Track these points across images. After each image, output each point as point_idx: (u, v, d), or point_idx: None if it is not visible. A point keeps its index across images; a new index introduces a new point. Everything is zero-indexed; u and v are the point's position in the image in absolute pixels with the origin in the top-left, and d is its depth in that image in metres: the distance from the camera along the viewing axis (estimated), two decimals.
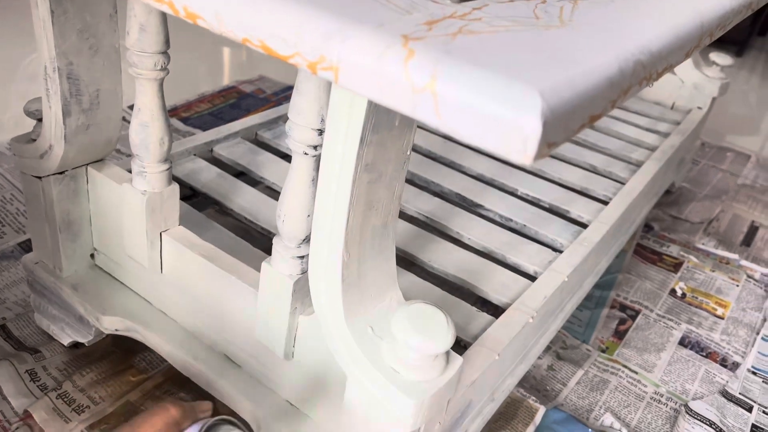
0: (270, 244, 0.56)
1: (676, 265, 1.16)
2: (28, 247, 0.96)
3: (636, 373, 0.91)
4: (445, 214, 0.87)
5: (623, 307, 1.03)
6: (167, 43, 0.58)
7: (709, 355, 0.96)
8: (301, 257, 0.54)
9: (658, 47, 0.37)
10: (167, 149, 0.63)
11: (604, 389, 0.87)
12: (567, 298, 0.83)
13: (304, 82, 0.47)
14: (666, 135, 1.21)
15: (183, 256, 0.65)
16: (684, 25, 0.42)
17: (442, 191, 0.95)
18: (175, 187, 0.65)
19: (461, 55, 0.29)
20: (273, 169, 0.92)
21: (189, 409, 0.51)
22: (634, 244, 1.20)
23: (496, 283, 0.76)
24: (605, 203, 0.95)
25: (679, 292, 1.09)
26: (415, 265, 0.79)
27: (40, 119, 0.67)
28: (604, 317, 1.01)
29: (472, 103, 0.27)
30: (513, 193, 0.97)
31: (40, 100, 0.66)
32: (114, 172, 0.68)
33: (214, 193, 0.84)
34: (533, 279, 0.76)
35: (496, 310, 0.71)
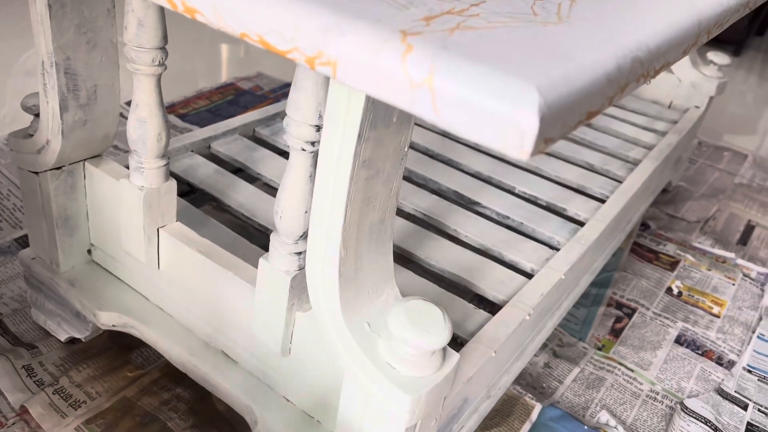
0: (267, 240, 0.56)
1: (673, 264, 1.16)
2: (25, 242, 0.96)
3: (632, 370, 0.91)
4: (443, 211, 0.88)
5: (620, 305, 1.04)
6: (165, 38, 0.58)
7: (705, 353, 0.97)
8: (299, 253, 0.54)
9: (656, 44, 0.37)
10: (165, 145, 0.63)
11: (600, 387, 0.87)
12: (564, 295, 0.83)
13: (302, 78, 0.47)
14: (663, 134, 1.22)
15: (180, 252, 0.65)
16: (682, 23, 0.42)
17: (440, 188, 0.95)
18: (172, 183, 0.65)
19: (459, 50, 0.29)
20: (270, 165, 0.92)
21: None
22: (630, 242, 1.20)
23: (493, 281, 0.76)
24: (602, 201, 0.95)
25: (675, 291, 1.09)
26: (412, 262, 0.79)
27: (38, 114, 0.66)
28: (601, 315, 1.01)
29: (469, 99, 0.27)
30: (510, 190, 0.97)
31: (37, 95, 0.66)
32: (111, 168, 0.68)
33: (212, 190, 0.84)
34: (530, 276, 0.76)
35: (493, 308, 0.72)
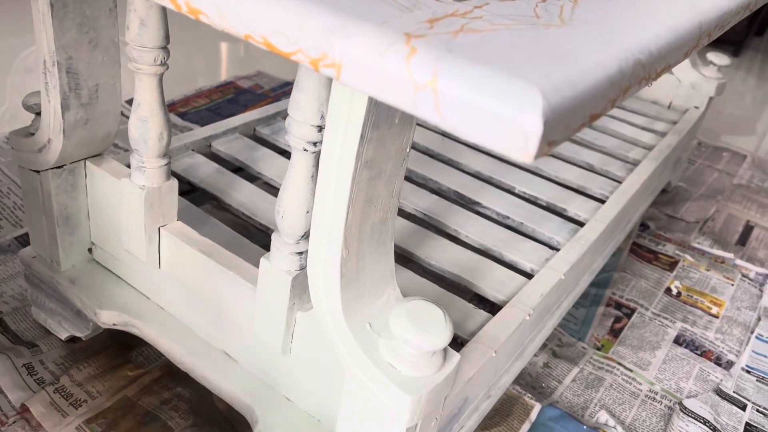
0: (268, 239, 0.56)
1: (672, 264, 1.17)
2: (26, 240, 0.96)
3: (631, 371, 0.91)
4: (443, 211, 0.88)
5: (619, 305, 1.04)
6: (167, 38, 0.58)
7: (704, 353, 0.97)
8: (300, 253, 0.54)
9: (658, 47, 0.37)
10: (166, 144, 0.63)
11: (599, 387, 0.88)
12: (563, 295, 0.84)
13: (304, 78, 0.47)
14: (663, 134, 1.22)
15: (181, 252, 0.65)
16: (683, 25, 0.42)
17: (440, 188, 0.95)
18: (173, 183, 0.65)
19: (463, 53, 0.29)
20: (271, 164, 0.92)
21: None
22: (630, 242, 1.20)
23: (493, 281, 0.76)
24: (602, 202, 0.96)
25: (674, 291, 1.09)
26: (412, 261, 0.79)
27: (39, 113, 0.66)
28: (600, 315, 1.01)
29: (473, 101, 0.27)
30: (510, 190, 0.97)
31: (38, 93, 0.66)
32: (112, 167, 0.68)
33: (212, 189, 0.84)
34: (530, 277, 0.76)
35: (493, 308, 0.72)
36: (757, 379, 0.93)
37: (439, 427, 0.58)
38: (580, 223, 0.89)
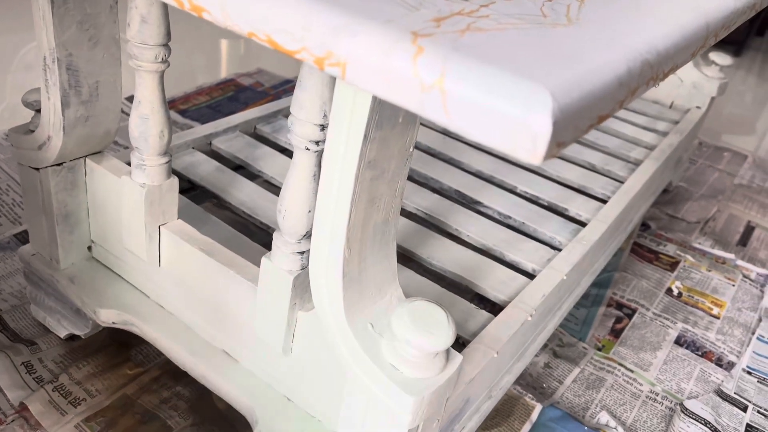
0: (268, 238, 0.55)
1: (673, 264, 1.16)
2: (25, 238, 0.95)
3: (632, 371, 0.91)
4: (444, 210, 0.87)
5: (620, 306, 1.04)
6: (168, 35, 0.58)
7: (705, 354, 0.97)
8: (301, 253, 0.54)
9: (665, 47, 0.37)
10: (167, 142, 0.62)
11: (600, 387, 0.87)
12: (565, 296, 0.83)
13: (307, 76, 0.47)
14: (664, 134, 1.21)
15: (181, 250, 0.65)
16: (689, 25, 0.42)
17: (441, 188, 0.95)
18: (174, 181, 0.65)
19: (470, 52, 0.29)
20: (272, 163, 0.91)
21: None
22: (631, 242, 1.20)
23: (495, 281, 0.76)
24: (604, 202, 0.95)
25: (675, 291, 1.09)
26: (414, 261, 0.79)
27: (39, 110, 0.66)
28: (601, 315, 1.01)
29: (481, 102, 0.27)
30: (512, 190, 0.97)
31: (38, 91, 0.65)
32: (113, 165, 0.68)
33: (213, 187, 0.84)
34: (532, 277, 0.76)
35: (494, 308, 0.71)
36: (758, 381, 0.93)
37: (440, 428, 0.58)
38: (582, 223, 0.89)
